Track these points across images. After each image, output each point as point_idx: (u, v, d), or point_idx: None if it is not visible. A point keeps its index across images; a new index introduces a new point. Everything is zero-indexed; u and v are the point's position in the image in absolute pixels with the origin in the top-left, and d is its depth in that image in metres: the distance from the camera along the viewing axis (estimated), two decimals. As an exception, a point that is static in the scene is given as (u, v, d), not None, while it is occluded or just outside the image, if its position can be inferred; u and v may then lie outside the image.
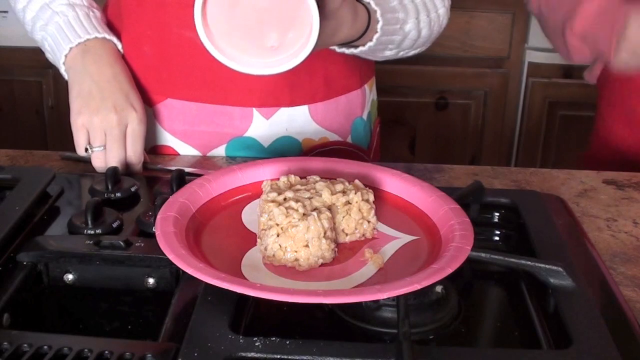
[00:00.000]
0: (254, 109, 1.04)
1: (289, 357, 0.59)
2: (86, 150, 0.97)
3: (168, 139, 1.07)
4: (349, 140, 1.12)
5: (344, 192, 0.72)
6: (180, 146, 1.07)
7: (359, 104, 1.12)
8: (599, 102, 1.37)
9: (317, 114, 1.07)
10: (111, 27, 1.08)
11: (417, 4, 0.99)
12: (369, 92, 1.14)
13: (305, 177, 0.76)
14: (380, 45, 0.95)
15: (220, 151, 1.07)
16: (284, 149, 1.07)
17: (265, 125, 1.05)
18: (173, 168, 0.90)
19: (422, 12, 0.99)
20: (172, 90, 1.05)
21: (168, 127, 1.07)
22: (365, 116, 1.13)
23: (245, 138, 1.06)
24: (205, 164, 1.04)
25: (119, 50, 1.04)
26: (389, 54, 1.01)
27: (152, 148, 1.08)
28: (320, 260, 0.68)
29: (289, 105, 1.04)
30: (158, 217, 0.69)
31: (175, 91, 1.04)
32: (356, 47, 0.94)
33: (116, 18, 1.07)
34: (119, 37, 1.06)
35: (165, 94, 1.05)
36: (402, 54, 1.03)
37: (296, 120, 1.06)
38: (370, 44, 0.93)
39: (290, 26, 0.74)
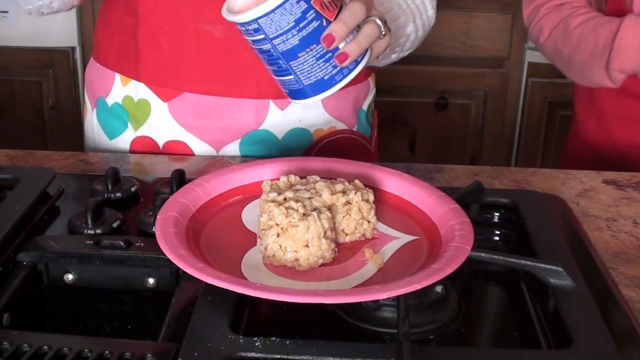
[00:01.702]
0: (270, 101, 1.05)
1: (289, 357, 0.59)
2: None
3: (182, 135, 1.07)
4: (355, 129, 1.14)
5: (344, 192, 0.72)
6: (194, 142, 1.07)
7: (364, 94, 1.14)
8: (574, 98, 1.38)
9: (329, 103, 1.08)
10: (117, 23, 1.07)
11: (412, 8, 1.03)
12: (372, 85, 1.17)
13: (305, 177, 0.76)
14: (389, 50, 1.00)
15: (234, 146, 1.07)
16: (296, 141, 1.08)
17: (280, 116, 1.06)
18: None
19: (416, 15, 1.04)
20: (188, 84, 1.04)
21: (183, 122, 1.06)
22: (365, 107, 1.16)
23: (260, 131, 1.06)
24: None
25: None
26: (394, 57, 1.05)
27: (165, 144, 1.08)
28: (320, 260, 0.68)
29: None
30: (158, 217, 0.69)
31: (192, 85, 1.04)
32: None
33: (129, 13, 1.06)
34: (130, 34, 1.06)
35: (182, 88, 1.05)
36: (401, 55, 1.07)
37: (310, 110, 1.07)
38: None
39: None
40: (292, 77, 0.76)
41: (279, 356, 0.59)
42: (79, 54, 2.25)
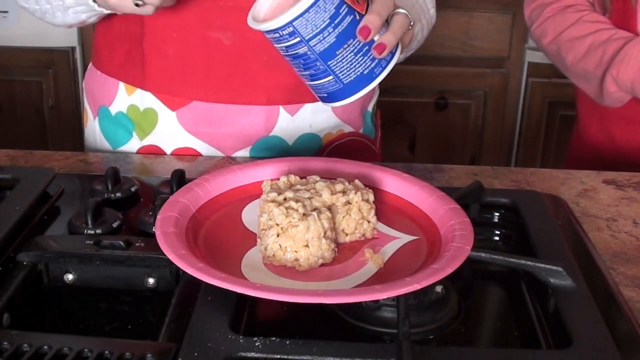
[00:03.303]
0: (280, 107, 1.04)
1: (289, 357, 0.59)
2: (137, 5, 0.88)
3: (191, 142, 1.06)
4: (361, 131, 1.14)
5: (344, 192, 0.72)
6: (204, 149, 1.06)
7: (369, 96, 1.15)
8: (576, 101, 1.38)
9: (337, 107, 1.08)
10: (120, 30, 1.06)
11: (416, 8, 1.02)
12: (377, 86, 1.17)
13: (305, 177, 0.76)
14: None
15: (244, 153, 1.06)
16: (307, 146, 1.08)
17: (291, 122, 1.06)
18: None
19: (421, 14, 1.04)
20: (197, 92, 1.03)
21: (193, 130, 1.05)
22: (370, 108, 1.16)
23: (271, 137, 1.06)
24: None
25: None
26: (401, 56, 1.04)
27: (174, 152, 1.07)
28: (320, 260, 0.68)
29: (313, 101, 1.05)
30: (158, 217, 0.69)
31: (201, 93, 1.03)
32: None
33: (133, 21, 1.04)
34: (135, 42, 1.05)
35: (191, 96, 1.04)
36: (407, 55, 1.06)
37: (319, 114, 1.07)
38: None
39: None
40: (330, 77, 0.75)
41: (279, 356, 0.59)
42: (79, 54, 2.25)
